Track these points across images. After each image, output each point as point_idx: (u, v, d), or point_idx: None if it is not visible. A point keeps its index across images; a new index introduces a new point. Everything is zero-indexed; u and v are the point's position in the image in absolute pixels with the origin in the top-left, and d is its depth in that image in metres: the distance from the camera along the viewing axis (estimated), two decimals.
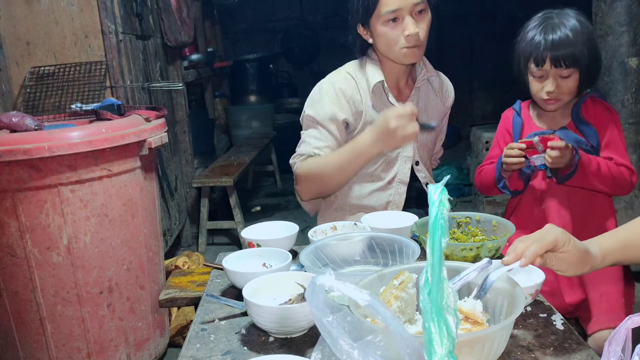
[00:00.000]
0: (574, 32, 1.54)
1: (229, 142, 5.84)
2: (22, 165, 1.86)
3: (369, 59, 1.72)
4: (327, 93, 1.68)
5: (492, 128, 4.57)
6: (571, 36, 1.53)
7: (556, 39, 1.54)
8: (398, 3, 1.55)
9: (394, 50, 1.62)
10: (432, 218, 0.80)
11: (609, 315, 1.54)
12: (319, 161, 1.65)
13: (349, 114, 1.68)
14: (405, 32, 1.57)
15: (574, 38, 1.53)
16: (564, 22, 1.56)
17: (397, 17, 1.57)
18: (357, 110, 1.69)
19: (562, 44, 1.54)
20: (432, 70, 1.77)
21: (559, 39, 1.54)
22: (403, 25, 1.57)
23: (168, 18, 3.41)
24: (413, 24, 1.56)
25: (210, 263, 1.44)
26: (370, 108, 1.69)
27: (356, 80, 1.70)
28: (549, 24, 1.57)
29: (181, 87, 3.68)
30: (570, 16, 1.58)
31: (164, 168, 2.96)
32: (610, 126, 1.62)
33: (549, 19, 1.59)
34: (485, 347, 0.83)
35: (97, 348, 2.06)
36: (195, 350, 1.05)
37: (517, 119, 1.76)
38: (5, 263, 1.96)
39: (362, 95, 1.69)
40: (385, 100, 1.71)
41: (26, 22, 2.58)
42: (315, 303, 0.74)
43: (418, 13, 1.57)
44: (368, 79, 1.69)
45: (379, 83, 1.68)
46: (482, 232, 1.41)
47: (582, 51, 1.54)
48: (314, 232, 1.45)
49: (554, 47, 1.54)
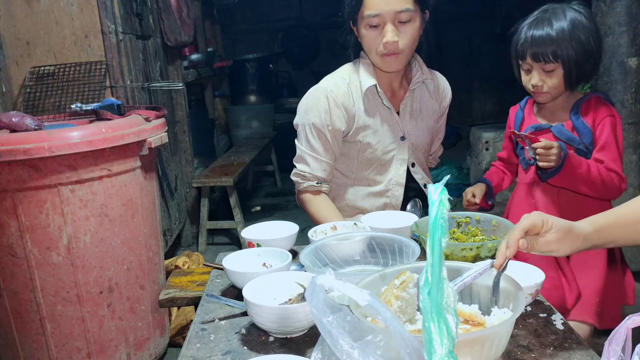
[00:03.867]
0: (558, 30, 1.54)
1: (229, 142, 5.84)
2: (22, 165, 1.86)
3: (362, 61, 1.70)
4: (320, 101, 1.67)
5: (492, 128, 4.59)
6: (553, 34, 1.54)
7: (536, 36, 1.56)
8: (379, 8, 1.53)
9: (373, 55, 1.62)
10: (432, 218, 0.80)
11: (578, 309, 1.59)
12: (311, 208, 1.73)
13: (342, 122, 1.67)
14: (384, 39, 1.55)
15: (556, 36, 1.54)
16: (552, 20, 1.56)
17: (379, 24, 1.55)
18: (349, 115, 1.68)
19: (542, 41, 1.55)
20: (427, 73, 1.75)
21: (539, 36, 1.55)
22: (383, 32, 1.55)
23: (168, 18, 3.41)
24: (392, 32, 1.54)
25: (210, 263, 1.43)
26: (363, 112, 1.68)
27: (349, 84, 1.69)
28: (538, 19, 1.59)
29: (181, 87, 3.68)
30: (564, 13, 1.57)
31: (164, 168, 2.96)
32: (608, 128, 1.60)
33: (542, 13, 1.60)
34: (484, 347, 0.83)
35: (97, 348, 2.06)
36: (195, 350, 1.05)
37: (519, 113, 1.79)
38: (5, 263, 1.96)
39: (354, 100, 1.68)
40: (380, 104, 1.70)
41: (26, 22, 2.58)
42: (315, 303, 0.74)
43: (401, 22, 1.55)
44: (361, 83, 1.68)
45: (372, 87, 1.67)
46: (482, 232, 1.41)
47: (565, 48, 1.53)
48: (314, 232, 1.45)
49: (533, 43, 1.56)
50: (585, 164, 1.56)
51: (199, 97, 5.08)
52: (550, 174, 1.58)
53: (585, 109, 1.65)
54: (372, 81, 1.66)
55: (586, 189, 1.58)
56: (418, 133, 1.76)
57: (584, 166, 1.56)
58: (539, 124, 1.70)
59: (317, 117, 1.66)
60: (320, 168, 1.70)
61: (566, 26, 1.55)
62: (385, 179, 1.74)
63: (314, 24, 7.25)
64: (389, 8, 1.52)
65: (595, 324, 1.59)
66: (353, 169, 1.75)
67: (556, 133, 1.66)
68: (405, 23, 1.55)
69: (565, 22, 1.55)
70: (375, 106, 1.70)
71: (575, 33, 1.54)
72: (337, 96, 1.66)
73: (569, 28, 1.54)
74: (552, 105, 1.70)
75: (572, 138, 1.63)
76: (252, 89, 6.12)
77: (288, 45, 7.28)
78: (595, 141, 1.62)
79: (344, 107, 1.67)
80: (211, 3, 5.52)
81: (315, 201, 1.72)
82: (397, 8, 1.52)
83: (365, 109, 1.69)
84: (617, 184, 1.59)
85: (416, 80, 1.73)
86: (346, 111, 1.67)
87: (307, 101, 1.71)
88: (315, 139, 1.68)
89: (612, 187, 1.58)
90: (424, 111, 1.78)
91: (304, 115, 1.70)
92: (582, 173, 1.55)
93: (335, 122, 1.66)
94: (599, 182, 1.57)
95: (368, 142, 1.69)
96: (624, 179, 1.60)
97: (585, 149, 1.62)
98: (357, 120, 1.68)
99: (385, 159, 1.73)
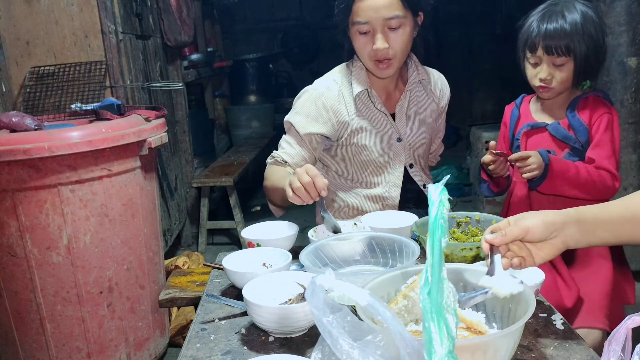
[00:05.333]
0: (571, 23, 1.53)
1: (229, 142, 5.83)
2: (22, 165, 1.86)
3: (355, 64, 1.69)
4: (309, 106, 1.67)
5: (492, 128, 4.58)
6: (567, 28, 1.53)
7: (550, 29, 1.54)
8: (368, 16, 1.52)
9: (365, 60, 1.62)
10: (432, 218, 0.80)
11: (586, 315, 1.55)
12: (271, 171, 1.66)
13: (329, 127, 1.66)
14: (374, 46, 1.55)
15: (569, 29, 1.53)
16: (564, 13, 1.55)
17: (369, 31, 1.55)
18: (340, 121, 1.66)
19: (556, 35, 1.54)
20: (423, 73, 1.74)
21: (554, 29, 1.54)
22: (374, 39, 1.54)
23: (168, 18, 3.41)
24: (382, 40, 1.53)
25: (210, 263, 1.44)
26: (356, 115, 1.67)
27: (341, 88, 1.68)
28: (549, 12, 1.57)
29: (181, 87, 3.68)
30: (574, 7, 1.56)
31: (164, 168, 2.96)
32: (604, 126, 1.59)
33: (552, 6, 1.59)
34: (487, 354, 0.81)
35: (97, 348, 2.06)
36: (195, 350, 1.05)
37: (515, 111, 1.77)
38: (5, 263, 1.96)
39: (346, 103, 1.67)
40: (372, 107, 1.69)
41: (26, 22, 2.58)
42: (315, 303, 0.74)
43: (390, 29, 1.54)
44: (353, 87, 1.67)
45: (363, 91, 1.67)
46: (482, 232, 1.40)
47: (577, 43, 1.53)
48: (314, 232, 1.45)
49: (547, 36, 1.55)
50: (574, 167, 1.54)
51: (199, 97, 5.07)
52: (537, 183, 1.56)
53: (582, 107, 1.63)
54: (363, 86, 1.66)
55: (578, 192, 1.55)
56: (415, 134, 1.75)
57: (572, 169, 1.54)
58: (535, 122, 1.70)
59: (302, 120, 1.67)
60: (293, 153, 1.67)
61: (579, 19, 1.54)
62: (383, 180, 1.74)
63: (314, 24, 7.24)
64: (378, 15, 1.51)
65: (606, 327, 1.53)
66: (350, 171, 1.75)
67: (552, 131, 1.65)
68: (395, 29, 1.54)
69: (578, 15, 1.54)
70: (369, 109, 1.69)
71: (587, 27, 1.54)
72: (326, 100, 1.66)
73: (581, 21, 1.54)
74: (549, 103, 1.69)
75: (568, 136, 1.62)
76: (252, 89, 6.11)
77: (288, 45, 7.27)
78: (591, 139, 1.60)
79: (333, 111, 1.65)
80: (211, 3, 5.51)
81: (272, 167, 1.67)
82: (386, 15, 1.51)
83: (359, 112, 1.68)
84: (609, 183, 1.55)
85: (412, 80, 1.72)
86: (336, 116, 1.66)
87: (299, 101, 1.72)
88: (295, 138, 1.69)
89: (603, 187, 1.55)
90: (421, 112, 1.77)
91: (294, 114, 1.71)
92: (571, 177, 1.53)
93: (320, 128, 1.65)
94: (590, 184, 1.54)
95: (364, 145, 1.69)
96: (617, 177, 1.57)
97: (580, 148, 1.61)
98: (350, 123, 1.67)
99: (382, 161, 1.72)
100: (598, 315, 1.55)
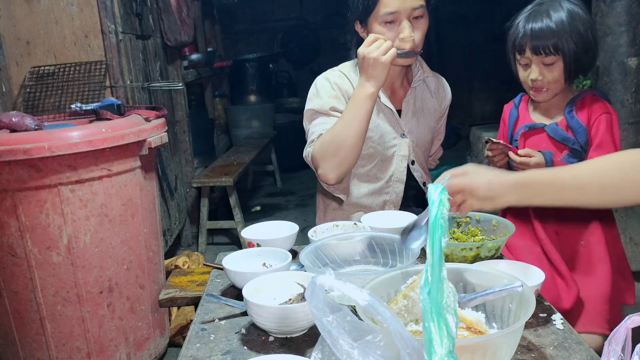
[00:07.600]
0: (557, 22, 1.53)
1: (229, 142, 5.84)
2: (22, 165, 1.86)
3: None
4: (324, 87, 1.70)
5: (492, 128, 4.58)
6: (553, 26, 1.53)
7: (536, 28, 1.54)
8: (397, 5, 1.56)
9: None
10: (432, 218, 0.80)
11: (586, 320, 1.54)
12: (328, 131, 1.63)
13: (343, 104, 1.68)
14: (401, 34, 1.58)
15: (556, 28, 1.52)
16: (550, 12, 1.55)
17: (395, 20, 1.58)
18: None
19: (542, 34, 1.53)
20: (428, 71, 1.78)
21: (539, 28, 1.54)
22: (399, 28, 1.58)
23: (168, 18, 3.41)
24: (409, 28, 1.58)
25: (210, 263, 1.44)
26: None
27: (350, 79, 1.71)
28: (534, 12, 1.57)
29: (181, 87, 3.68)
30: (560, 4, 1.56)
31: (164, 168, 2.96)
32: (603, 126, 1.58)
33: (538, 6, 1.59)
34: (487, 354, 0.81)
35: (97, 348, 2.06)
36: (195, 350, 1.05)
37: (513, 111, 1.77)
38: (5, 263, 1.96)
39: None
40: (378, 101, 1.70)
41: (26, 22, 2.58)
42: (315, 303, 0.74)
43: (415, 18, 1.59)
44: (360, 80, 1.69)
45: None
46: (482, 231, 1.41)
47: (565, 41, 1.52)
48: (314, 232, 1.45)
49: (533, 36, 1.55)
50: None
51: (199, 97, 5.08)
52: None
53: (580, 107, 1.63)
54: None
55: None
56: (419, 131, 1.77)
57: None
58: (533, 123, 1.69)
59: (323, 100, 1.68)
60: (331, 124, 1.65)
61: (565, 18, 1.54)
62: (387, 175, 1.75)
63: (314, 23, 7.24)
64: (406, 5, 1.56)
65: (606, 332, 1.53)
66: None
67: (550, 133, 1.64)
68: (418, 19, 1.60)
69: (564, 13, 1.54)
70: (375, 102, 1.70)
71: (574, 24, 1.53)
72: (340, 85, 1.70)
73: (567, 20, 1.54)
74: (547, 102, 1.69)
75: (567, 138, 1.62)
76: (252, 88, 6.12)
77: (288, 45, 7.27)
78: (591, 140, 1.60)
79: (347, 96, 1.69)
80: (211, 3, 5.52)
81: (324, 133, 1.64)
82: (414, 5, 1.57)
83: None
84: None
85: (417, 78, 1.75)
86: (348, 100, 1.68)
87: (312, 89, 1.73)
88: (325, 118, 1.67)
89: None
90: (425, 109, 1.79)
91: (310, 101, 1.72)
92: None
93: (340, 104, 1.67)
94: None
95: (369, 136, 1.70)
96: None
97: (580, 149, 1.61)
98: None
99: (387, 155, 1.74)
100: (598, 319, 1.54)
